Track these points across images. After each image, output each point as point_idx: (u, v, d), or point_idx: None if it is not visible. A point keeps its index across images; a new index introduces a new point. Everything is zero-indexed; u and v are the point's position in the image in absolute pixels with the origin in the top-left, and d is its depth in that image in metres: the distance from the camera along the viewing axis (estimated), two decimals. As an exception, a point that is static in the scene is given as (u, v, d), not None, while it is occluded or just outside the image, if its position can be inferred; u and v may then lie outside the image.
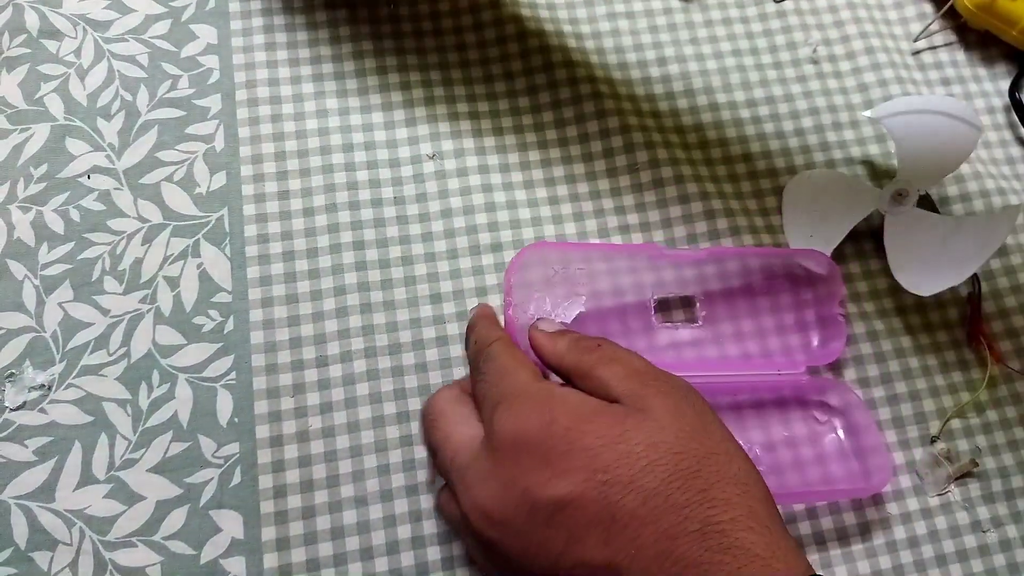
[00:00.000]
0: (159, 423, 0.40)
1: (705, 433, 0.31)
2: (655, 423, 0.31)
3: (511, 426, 0.32)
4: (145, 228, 0.43)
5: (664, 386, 0.33)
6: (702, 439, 0.31)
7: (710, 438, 0.31)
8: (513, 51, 0.49)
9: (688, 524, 0.28)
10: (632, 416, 0.31)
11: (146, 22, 0.48)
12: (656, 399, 0.32)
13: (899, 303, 0.46)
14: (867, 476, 0.41)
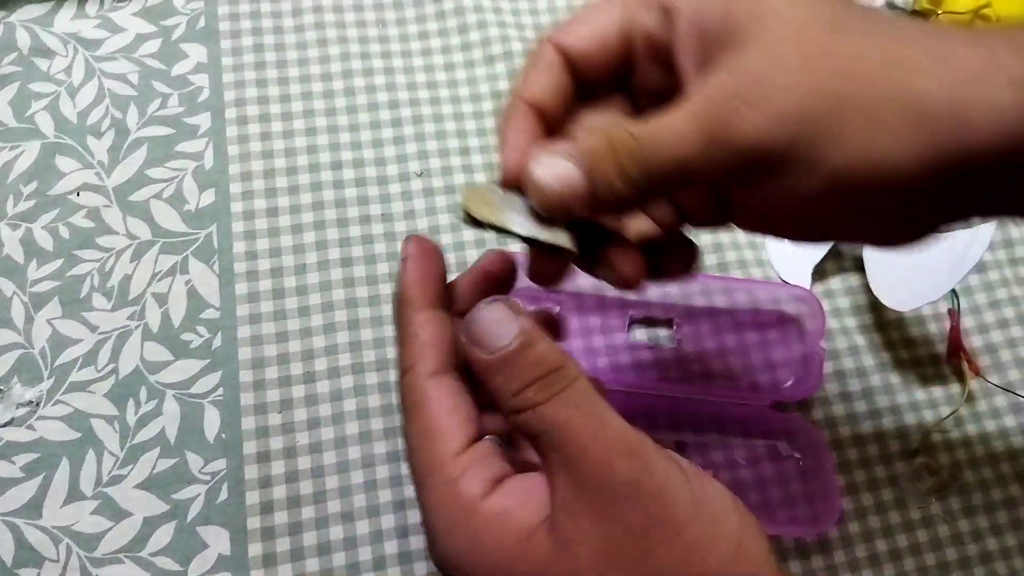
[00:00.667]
0: (146, 439, 0.41)
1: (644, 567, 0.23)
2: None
3: (431, 537, 0.26)
4: (134, 245, 0.44)
5: (613, 491, 0.23)
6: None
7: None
8: (500, 70, 0.50)
9: None
10: (552, 564, 0.24)
11: (136, 41, 0.48)
12: (589, 523, 0.23)
13: (879, 319, 0.46)
14: (814, 518, 0.42)
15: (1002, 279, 0.48)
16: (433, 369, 0.26)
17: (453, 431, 0.25)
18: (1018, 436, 0.45)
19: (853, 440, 0.44)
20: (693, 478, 0.24)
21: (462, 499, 0.24)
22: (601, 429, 0.24)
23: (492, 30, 0.50)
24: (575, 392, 0.24)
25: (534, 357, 0.24)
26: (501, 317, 0.25)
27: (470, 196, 0.26)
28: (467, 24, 0.50)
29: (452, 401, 0.26)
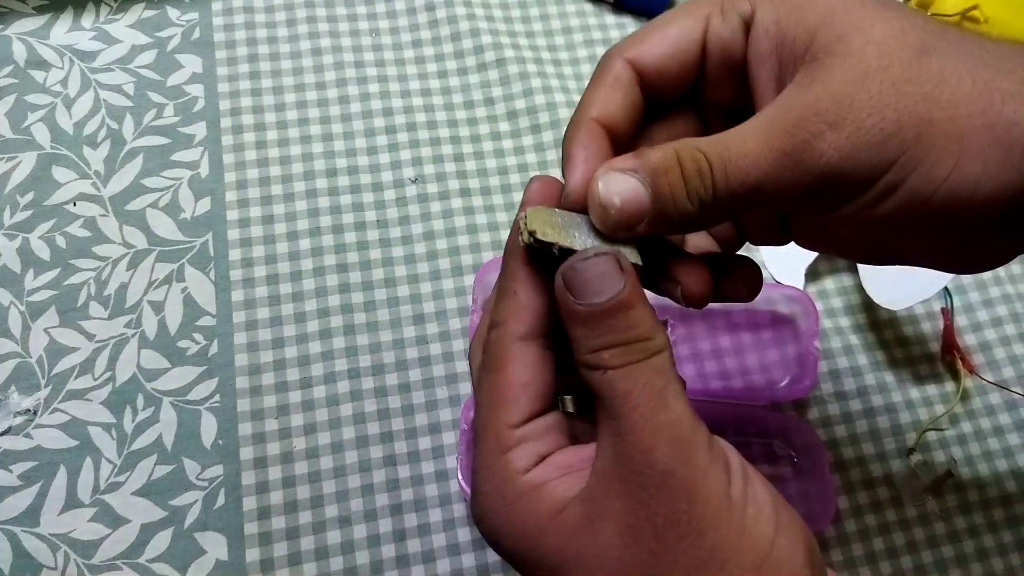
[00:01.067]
0: (144, 446, 0.41)
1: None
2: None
3: (474, 493, 0.26)
4: (130, 254, 0.44)
5: (647, 476, 0.23)
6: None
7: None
8: (493, 77, 0.50)
9: None
10: (576, 537, 0.24)
11: (132, 52, 0.49)
12: (619, 503, 0.24)
13: (873, 318, 0.46)
14: (810, 518, 0.42)
15: (995, 277, 0.48)
16: (523, 332, 0.26)
17: (519, 403, 0.26)
18: (1013, 433, 0.45)
19: (849, 439, 0.44)
20: (737, 480, 0.24)
21: (507, 469, 0.25)
22: (658, 412, 0.23)
23: (485, 37, 0.50)
24: (649, 367, 0.24)
25: (624, 322, 0.24)
26: (606, 272, 0.24)
27: (534, 217, 0.25)
28: (460, 32, 0.51)
29: (529, 373, 0.26)
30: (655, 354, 0.24)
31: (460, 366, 0.43)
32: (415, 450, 0.42)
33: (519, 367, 0.26)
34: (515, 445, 0.25)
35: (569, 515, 0.24)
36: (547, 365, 0.26)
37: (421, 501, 0.41)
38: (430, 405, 0.43)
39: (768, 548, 0.23)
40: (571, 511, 0.24)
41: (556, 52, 0.52)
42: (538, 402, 0.26)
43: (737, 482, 0.24)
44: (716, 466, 0.23)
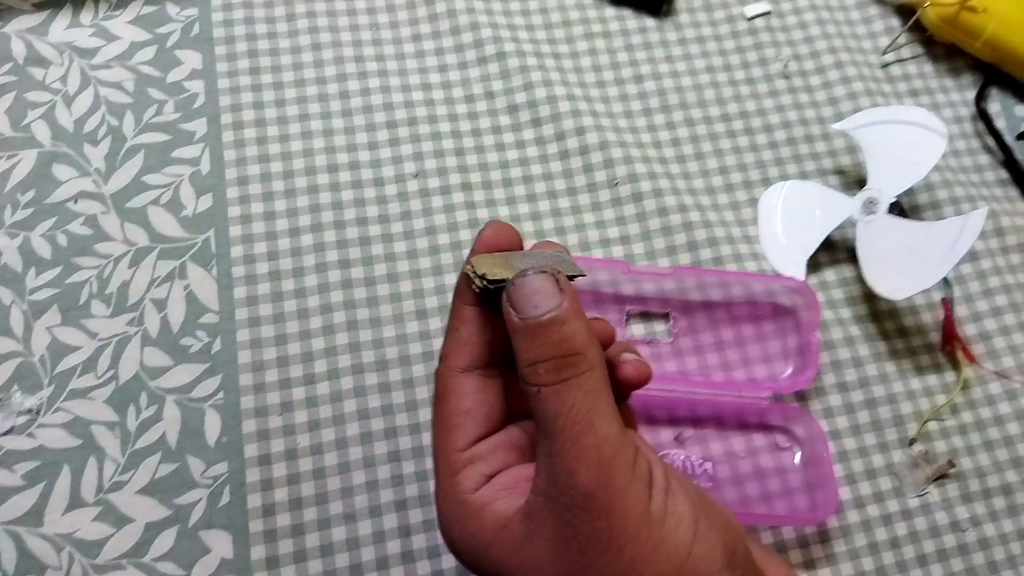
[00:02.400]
0: (147, 445, 0.41)
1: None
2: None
3: (438, 516, 0.29)
4: (132, 251, 0.44)
5: (571, 498, 0.25)
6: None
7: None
8: (493, 71, 0.50)
9: None
10: (518, 552, 0.27)
11: (131, 49, 0.48)
12: (549, 521, 0.26)
13: (874, 309, 0.47)
14: (813, 508, 0.42)
15: (994, 267, 0.49)
16: (463, 365, 0.29)
17: (463, 428, 0.28)
18: (1014, 422, 0.45)
19: (850, 430, 0.44)
20: (658, 495, 0.26)
21: (456, 489, 0.28)
22: (582, 435, 0.25)
23: (485, 31, 0.50)
24: (577, 387, 0.26)
25: (557, 336, 0.26)
26: (543, 288, 0.26)
27: (480, 263, 0.28)
28: (460, 26, 0.51)
29: (471, 400, 0.28)
30: (586, 371, 0.26)
31: (463, 361, 0.43)
32: (419, 445, 0.42)
33: (460, 396, 0.28)
34: (463, 467, 0.28)
35: (511, 531, 0.26)
36: (491, 391, 0.29)
37: (426, 497, 0.41)
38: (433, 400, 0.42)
39: (684, 557, 0.25)
40: (513, 527, 0.26)
41: (556, 46, 0.52)
42: (482, 425, 0.29)
43: (658, 496, 0.26)
44: (636, 484, 0.25)
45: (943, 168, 0.50)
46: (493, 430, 0.29)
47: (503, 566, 0.26)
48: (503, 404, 0.29)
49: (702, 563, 0.25)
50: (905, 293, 0.43)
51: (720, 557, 0.26)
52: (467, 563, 0.28)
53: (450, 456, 0.28)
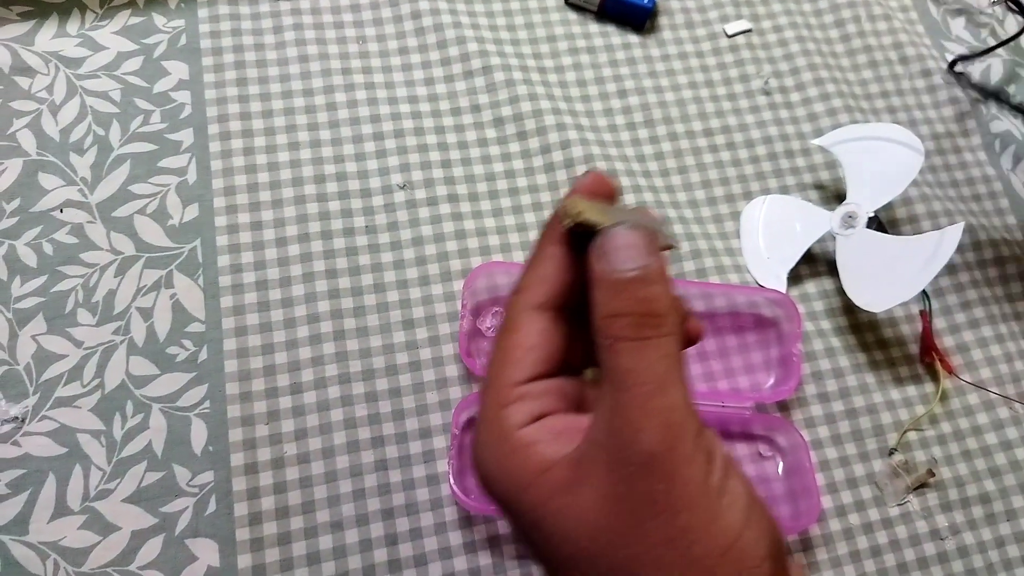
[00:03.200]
0: (133, 453, 0.41)
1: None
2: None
3: (474, 441, 0.28)
4: (118, 260, 0.44)
5: (632, 455, 0.25)
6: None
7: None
8: (480, 85, 0.50)
9: None
10: (557, 497, 0.26)
11: (118, 59, 0.48)
12: (603, 474, 0.25)
13: (854, 321, 0.47)
14: (796, 517, 0.43)
15: (972, 280, 0.50)
16: (537, 302, 0.27)
17: (523, 363, 0.27)
18: (991, 433, 0.46)
19: (832, 439, 0.45)
20: (717, 471, 0.25)
21: (503, 423, 0.26)
22: (654, 396, 0.24)
23: (471, 45, 0.51)
24: (655, 348, 0.25)
25: (641, 294, 0.25)
26: (636, 244, 0.25)
27: (579, 202, 0.26)
28: (446, 39, 0.51)
29: (537, 337, 0.27)
30: (666, 335, 0.25)
31: (450, 370, 0.44)
32: (406, 454, 0.42)
33: (528, 331, 0.27)
34: (513, 401, 0.27)
35: (554, 475, 0.25)
36: (558, 334, 0.27)
37: (412, 505, 0.41)
38: (420, 410, 0.43)
39: (735, 537, 0.24)
40: (556, 472, 0.25)
41: (541, 60, 0.52)
42: (542, 366, 0.27)
43: (717, 473, 0.25)
44: (700, 455, 0.25)
45: (920, 183, 0.51)
46: (549, 374, 0.28)
47: (537, 510, 0.25)
48: (564, 351, 0.28)
49: (749, 547, 0.24)
50: (884, 305, 0.44)
51: (766, 546, 0.25)
52: (498, 498, 0.27)
53: (503, 387, 0.27)
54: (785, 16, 0.56)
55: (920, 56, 0.55)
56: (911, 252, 0.44)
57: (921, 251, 0.44)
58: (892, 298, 0.43)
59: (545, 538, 0.26)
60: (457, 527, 0.41)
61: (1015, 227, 0.52)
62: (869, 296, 0.44)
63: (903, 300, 0.43)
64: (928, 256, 0.43)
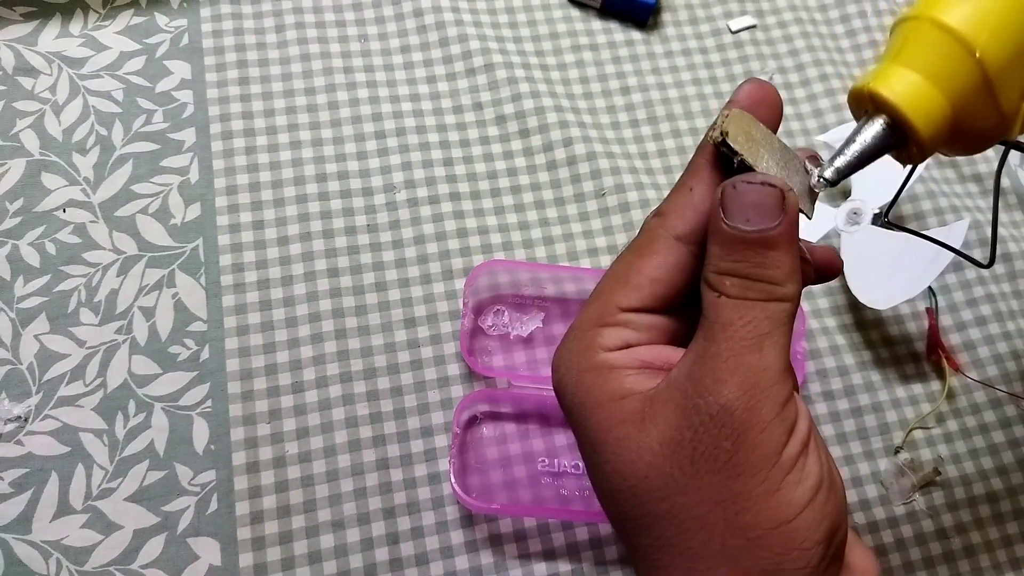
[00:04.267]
0: (136, 452, 0.41)
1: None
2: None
3: (563, 340, 0.27)
4: (120, 260, 0.44)
5: (708, 404, 0.24)
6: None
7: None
8: (482, 82, 0.50)
9: None
10: (622, 426, 0.25)
11: (121, 59, 0.49)
12: (674, 414, 0.24)
13: (859, 318, 0.47)
14: None
15: (979, 277, 0.49)
16: (681, 231, 0.26)
17: (640, 291, 0.26)
18: (998, 431, 0.46)
19: (836, 438, 0.44)
20: (794, 445, 0.24)
21: (593, 340, 0.26)
22: (747, 352, 0.23)
23: (473, 43, 0.51)
24: (762, 309, 0.24)
25: (761, 257, 0.24)
26: (766, 203, 0.24)
27: (734, 120, 0.24)
28: (448, 37, 0.51)
29: (666, 271, 0.26)
30: (777, 302, 0.24)
31: (451, 369, 0.44)
32: (407, 453, 0.42)
33: (659, 262, 0.26)
34: (613, 324, 0.26)
35: (627, 404, 0.25)
36: (688, 272, 0.26)
37: (414, 504, 0.41)
38: (422, 408, 0.43)
39: (791, 516, 0.23)
40: (630, 402, 0.25)
41: (544, 57, 0.52)
42: (657, 301, 0.26)
43: (794, 447, 0.24)
44: (779, 424, 0.23)
45: (927, 179, 0.51)
46: (662, 310, 0.26)
47: (601, 433, 0.25)
48: (689, 287, 0.26)
49: (804, 530, 0.23)
50: (889, 303, 0.43)
51: (823, 533, 0.24)
52: (565, 407, 0.26)
53: (609, 306, 0.26)
54: (790, 11, 0.55)
55: (926, 51, 0.55)
56: (916, 249, 0.44)
57: (927, 248, 0.43)
58: (898, 295, 0.43)
59: (600, 463, 0.25)
60: (459, 526, 0.41)
61: (1021, 223, 0.52)
62: (874, 293, 0.44)
63: (909, 297, 0.43)
64: (933, 253, 0.43)
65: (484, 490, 0.41)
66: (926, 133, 0.24)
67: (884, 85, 0.24)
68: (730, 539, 0.23)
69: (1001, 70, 0.23)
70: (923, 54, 0.24)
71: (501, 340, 0.45)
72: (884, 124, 0.24)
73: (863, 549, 0.28)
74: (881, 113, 0.24)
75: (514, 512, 0.41)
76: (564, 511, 0.41)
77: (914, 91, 0.24)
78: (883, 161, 0.47)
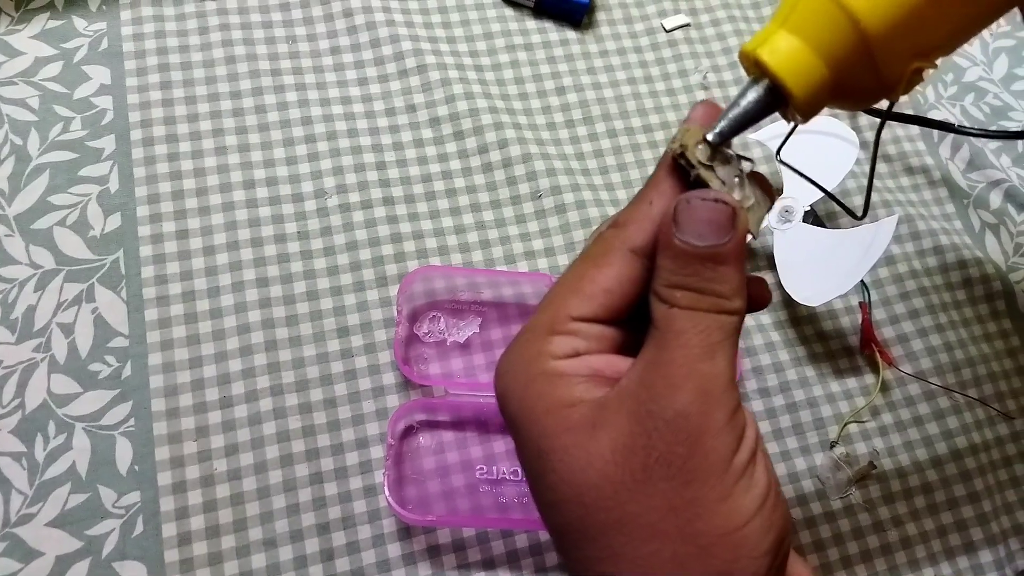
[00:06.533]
0: (56, 475, 0.39)
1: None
2: None
3: (508, 348, 0.27)
4: (38, 274, 0.42)
5: (661, 411, 0.24)
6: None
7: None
8: (415, 84, 0.49)
9: None
10: (572, 433, 0.25)
11: (36, 64, 0.47)
12: (625, 421, 0.24)
13: (793, 314, 0.47)
14: None
15: (911, 271, 0.50)
16: (636, 244, 0.26)
17: (592, 302, 0.26)
18: (932, 423, 0.46)
19: (773, 434, 0.45)
20: (744, 453, 0.24)
21: (543, 347, 0.26)
22: (700, 360, 0.24)
23: (405, 44, 0.50)
24: (712, 319, 0.24)
25: (711, 272, 0.24)
26: (717, 220, 0.24)
27: (693, 135, 0.25)
28: (379, 38, 0.50)
29: (619, 283, 0.26)
30: (725, 315, 0.24)
31: (387, 379, 0.43)
32: (342, 466, 0.41)
33: (612, 273, 0.26)
34: (563, 333, 0.26)
35: (577, 412, 0.24)
36: (639, 285, 0.26)
37: (349, 518, 0.40)
38: (356, 420, 0.42)
39: (741, 523, 0.23)
40: (580, 409, 0.24)
41: (478, 58, 0.51)
42: (609, 312, 0.26)
43: (743, 454, 0.24)
44: (730, 432, 0.24)
45: (859, 175, 0.51)
46: (612, 321, 0.26)
47: (548, 440, 0.24)
48: (638, 300, 0.26)
49: (753, 538, 0.23)
50: (822, 299, 0.44)
51: (770, 542, 0.24)
52: (510, 415, 0.26)
53: (559, 314, 0.26)
54: (723, 10, 0.55)
55: (857, 47, 0.55)
56: (847, 245, 0.44)
57: (857, 243, 0.44)
58: (830, 291, 0.43)
59: (546, 472, 0.24)
60: (396, 539, 0.40)
61: (953, 216, 0.52)
62: (807, 290, 0.44)
63: (840, 293, 0.43)
64: (864, 249, 0.43)
65: (421, 501, 0.41)
66: (803, 99, 0.25)
67: (767, 51, 0.24)
68: (681, 547, 0.23)
69: (883, 39, 0.24)
70: (809, 21, 0.24)
71: (438, 347, 0.44)
72: (765, 88, 0.25)
73: (802, 563, 0.28)
74: (764, 77, 0.25)
75: (452, 523, 0.40)
76: (503, 520, 0.41)
77: (795, 58, 0.24)
78: (815, 160, 0.47)
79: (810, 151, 0.47)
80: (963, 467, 0.46)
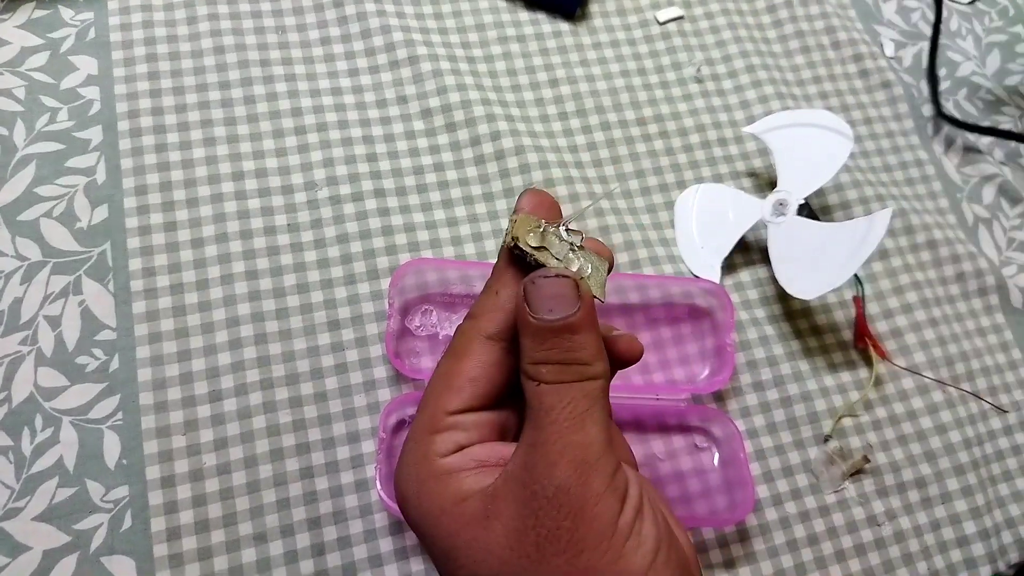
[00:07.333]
0: (43, 469, 0.39)
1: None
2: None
3: (400, 459, 0.28)
4: (24, 266, 0.42)
5: (543, 489, 0.25)
6: None
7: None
8: (406, 75, 0.49)
9: None
10: (469, 528, 0.26)
11: (22, 54, 0.46)
12: (514, 507, 0.25)
13: (788, 308, 0.47)
14: (732, 508, 0.42)
15: (904, 265, 0.50)
16: (491, 332, 0.28)
17: (462, 393, 0.27)
18: (925, 417, 0.46)
19: (767, 428, 0.44)
20: (628, 512, 0.25)
21: (428, 449, 0.27)
22: (571, 432, 0.25)
23: (396, 35, 0.49)
24: (578, 389, 0.26)
25: (568, 342, 0.26)
26: (563, 293, 0.26)
27: (521, 224, 0.27)
28: (370, 29, 0.50)
29: (481, 370, 0.28)
30: (589, 379, 0.26)
31: (378, 372, 0.42)
32: (333, 460, 0.41)
33: (475, 361, 0.28)
34: (443, 430, 0.27)
35: (469, 506, 0.26)
36: (505, 367, 0.28)
37: (340, 513, 0.40)
38: (348, 414, 0.41)
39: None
40: (472, 503, 0.26)
41: (470, 49, 0.51)
42: (481, 399, 0.28)
43: (628, 513, 0.25)
44: (611, 494, 0.25)
45: (853, 168, 0.51)
46: (487, 406, 0.28)
47: (450, 539, 0.26)
48: (508, 381, 0.28)
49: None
50: (816, 292, 0.43)
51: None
52: (412, 522, 0.27)
53: (436, 413, 0.27)
54: (717, 3, 0.55)
55: (852, 41, 0.55)
56: (840, 238, 0.44)
57: (851, 237, 0.44)
58: (823, 285, 0.43)
59: (455, 569, 0.26)
60: (387, 533, 0.40)
61: (947, 210, 0.52)
62: (801, 284, 0.44)
63: (834, 287, 0.43)
64: (858, 242, 0.43)
65: (413, 495, 0.40)
66: None
67: None
68: None
69: None
70: None
71: (430, 340, 0.44)
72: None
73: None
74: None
75: (444, 517, 0.40)
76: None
77: None
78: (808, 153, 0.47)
79: (804, 144, 0.47)
80: (956, 461, 0.46)
